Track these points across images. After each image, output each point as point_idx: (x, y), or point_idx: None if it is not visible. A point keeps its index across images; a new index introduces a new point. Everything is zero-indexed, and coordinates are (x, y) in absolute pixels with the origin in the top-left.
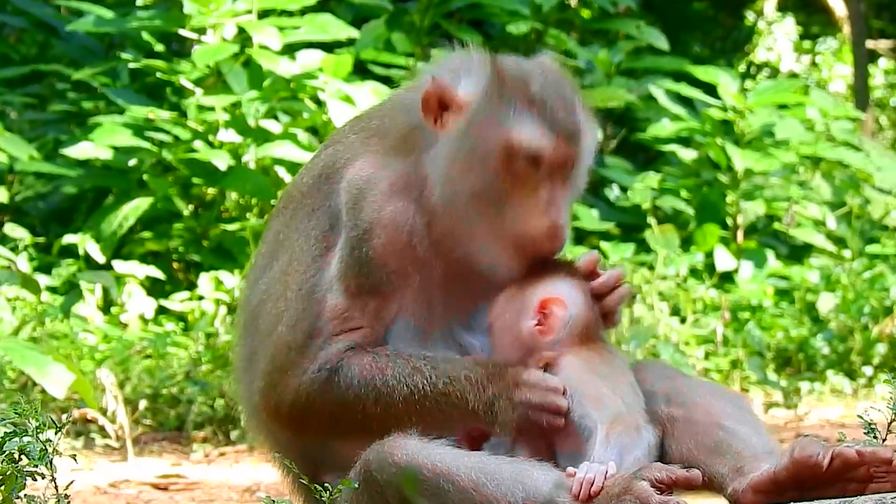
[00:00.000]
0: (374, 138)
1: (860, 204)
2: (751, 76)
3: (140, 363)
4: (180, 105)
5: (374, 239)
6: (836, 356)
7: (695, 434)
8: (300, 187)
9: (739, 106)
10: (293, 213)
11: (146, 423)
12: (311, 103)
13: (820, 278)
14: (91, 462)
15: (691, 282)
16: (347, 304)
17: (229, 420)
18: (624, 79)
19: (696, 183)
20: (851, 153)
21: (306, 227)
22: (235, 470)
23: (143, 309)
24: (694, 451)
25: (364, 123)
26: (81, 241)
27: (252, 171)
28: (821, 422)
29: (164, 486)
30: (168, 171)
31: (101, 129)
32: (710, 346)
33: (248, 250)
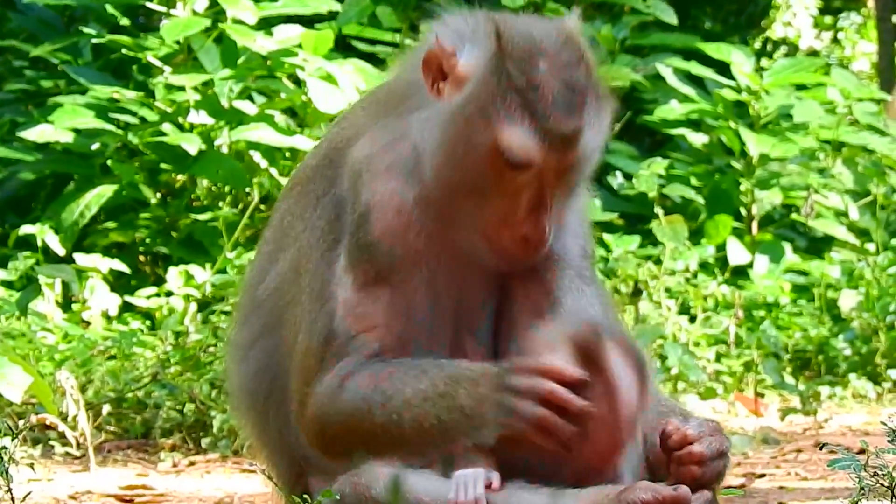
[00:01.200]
0: (379, 106)
1: (885, 193)
2: (767, 54)
3: (103, 364)
4: (147, 84)
5: (371, 221)
6: (858, 358)
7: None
8: (306, 169)
9: (754, 86)
10: (297, 197)
11: (110, 429)
12: (289, 82)
13: (841, 273)
14: (50, 471)
15: (702, 277)
16: (359, 297)
17: (200, 426)
18: (629, 57)
19: (707, 170)
20: (876, 137)
21: (312, 216)
22: (207, 481)
23: (107, 305)
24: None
25: (374, 93)
26: (40, 231)
27: (225, 156)
28: (842, 429)
29: (129, 497)
30: (134, 155)
31: (61, 110)
32: (722, 347)
33: (220, 242)
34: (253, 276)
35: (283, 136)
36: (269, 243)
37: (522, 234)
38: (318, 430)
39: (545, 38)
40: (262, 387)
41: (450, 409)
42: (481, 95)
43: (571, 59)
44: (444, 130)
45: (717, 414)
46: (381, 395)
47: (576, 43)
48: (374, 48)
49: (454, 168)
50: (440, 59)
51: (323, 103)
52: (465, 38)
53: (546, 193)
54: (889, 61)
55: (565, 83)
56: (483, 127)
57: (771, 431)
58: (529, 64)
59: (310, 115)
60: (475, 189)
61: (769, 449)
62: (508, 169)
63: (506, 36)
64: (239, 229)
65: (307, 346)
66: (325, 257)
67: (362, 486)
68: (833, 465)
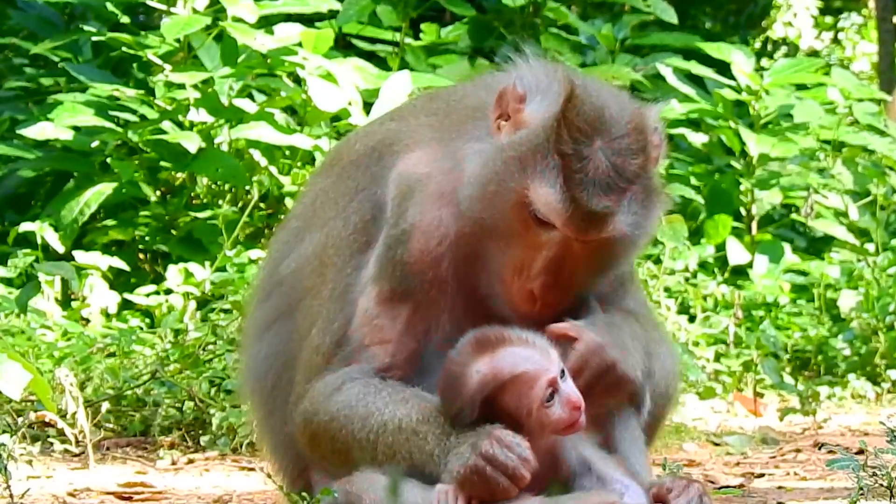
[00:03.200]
0: (443, 120)
1: (885, 193)
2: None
3: (102, 362)
4: (147, 82)
5: (411, 242)
6: (858, 358)
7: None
8: (350, 152)
9: (754, 86)
10: (336, 179)
11: (108, 427)
12: (289, 81)
13: (841, 274)
14: (48, 469)
15: (701, 277)
16: (379, 309)
17: (199, 424)
18: (629, 56)
19: (706, 170)
20: (876, 138)
21: (347, 207)
22: (205, 478)
23: (106, 303)
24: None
25: (436, 102)
26: (39, 229)
27: (225, 154)
28: (841, 429)
29: (128, 495)
30: (134, 153)
31: (61, 107)
32: (722, 347)
33: (220, 240)
34: (277, 251)
35: (282, 134)
36: (298, 219)
37: (530, 289)
38: (305, 425)
39: (615, 118)
40: (272, 373)
41: (419, 450)
42: (528, 146)
43: (630, 147)
44: (486, 166)
45: (716, 414)
46: (365, 409)
47: (643, 134)
48: (374, 47)
49: (485, 205)
50: (511, 101)
51: (323, 102)
52: (539, 88)
53: (566, 260)
54: (889, 62)
55: (613, 166)
56: (518, 175)
57: (770, 431)
58: (584, 136)
59: (310, 113)
60: (501, 232)
61: (768, 449)
62: (534, 223)
63: (574, 101)
64: (238, 227)
65: (318, 343)
66: (353, 259)
67: (354, 494)
68: (832, 465)
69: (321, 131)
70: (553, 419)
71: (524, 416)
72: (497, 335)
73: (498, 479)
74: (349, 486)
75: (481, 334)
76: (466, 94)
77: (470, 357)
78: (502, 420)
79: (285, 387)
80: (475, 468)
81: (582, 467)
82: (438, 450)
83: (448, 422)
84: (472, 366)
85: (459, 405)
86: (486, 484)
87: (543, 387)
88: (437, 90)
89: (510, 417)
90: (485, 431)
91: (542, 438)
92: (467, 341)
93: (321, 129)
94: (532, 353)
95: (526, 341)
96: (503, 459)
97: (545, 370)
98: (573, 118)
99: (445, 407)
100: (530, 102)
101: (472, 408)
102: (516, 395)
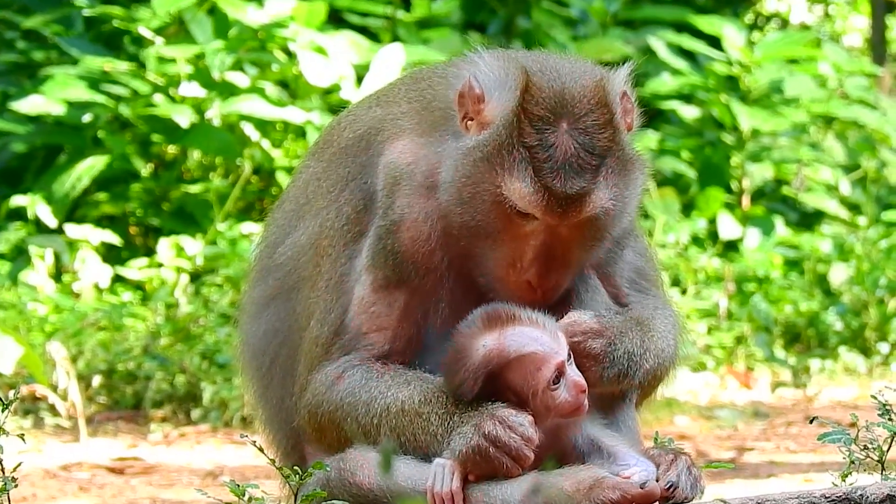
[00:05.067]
0: (421, 111)
1: (876, 167)
2: (758, 28)
3: (94, 336)
4: (139, 56)
5: (401, 233)
6: (849, 332)
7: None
8: (340, 139)
9: (746, 60)
10: (328, 165)
11: (100, 401)
12: (280, 55)
13: (832, 247)
14: (40, 443)
15: (693, 250)
16: (375, 297)
17: (190, 398)
18: (620, 30)
19: (698, 143)
20: (867, 112)
21: (339, 198)
22: (197, 452)
23: (98, 277)
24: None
25: (418, 90)
26: (31, 203)
27: (216, 128)
28: (832, 403)
29: (120, 469)
30: (125, 127)
31: (52, 81)
32: (713, 321)
33: (211, 214)
34: (272, 233)
35: (274, 107)
36: (291, 202)
37: (527, 280)
38: (310, 417)
39: (576, 97)
40: (270, 349)
41: (423, 431)
42: (493, 144)
43: (595, 123)
44: (458, 171)
45: (707, 387)
46: (367, 394)
47: (607, 107)
48: (365, 21)
49: (465, 209)
50: (469, 100)
51: (314, 76)
52: (496, 83)
53: (555, 244)
54: (881, 36)
55: (581, 146)
56: (488, 175)
57: (761, 405)
58: (547, 123)
59: (301, 87)
60: (487, 231)
61: (759, 422)
62: (515, 216)
63: (531, 92)
64: (230, 201)
65: (317, 333)
66: (347, 248)
67: (347, 471)
68: (823, 439)
69: (313, 105)
70: (558, 402)
71: (529, 396)
72: (508, 313)
73: (501, 459)
74: (343, 462)
75: (493, 310)
76: (440, 90)
77: (478, 331)
78: (506, 398)
79: (283, 363)
80: (478, 448)
81: (590, 446)
82: (442, 430)
83: (451, 401)
84: (480, 339)
85: (462, 377)
86: (489, 464)
87: (552, 369)
88: (419, 72)
89: (515, 395)
90: (488, 411)
91: (547, 420)
92: (478, 315)
93: (313, 103)
94: (541, 335)
95: (536, 322)
96: (506, 440)
97: (554, 353)
98: (532, 108)
99: (448, 378)
100: (489, 100)
101: (475, 381)
102: (522, 374)
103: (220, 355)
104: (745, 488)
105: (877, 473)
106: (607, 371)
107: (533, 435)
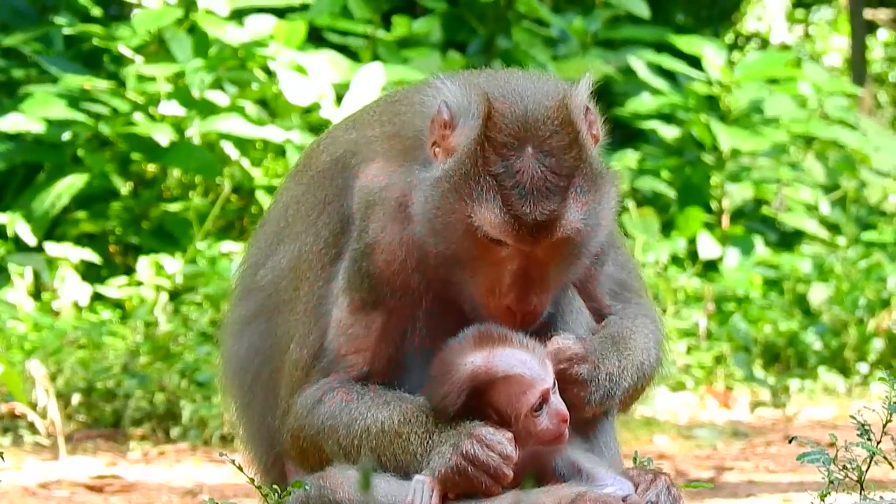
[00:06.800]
0: (393, 137)
1: (856, 187)
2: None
3: (73, 354)
4: (119, 74)
5: (375, 255)
6: (828, 352)
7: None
8: (318, 162)
9: (726, 80)
10: (307, 188)
11: (80, 419)
12: (260, 73)
13: (812, 267)
14: (19, 461)
15: (672, 270)
16: (352, 319)
17: (170, 416)
18: (601, 49)
19: (678, 163)
20: (847, 132)
21: (317, 222)
22: (176, 470)
23: (77, 295)
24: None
25: (391, 113)
26: (10, 221)
27: (196, 146)
28: (811, 423)
29: (99, 487)
30: (105, 145)
31: (32, 99)
32: (693, 340)
33: (190, 232)
34: (253, 255)
35: (254, 126)
36: (272, 224)
37: (506, 305)
38: (293, 441)
39: (540, 119)
40: (252, 367)
41: (403, 451)
42: (459, 173)
43: (560, 144)
44: (428, 202)
45: (687, 407)
46: (348, 416)
47: (571, 125)
48: (345, 40)
49: (438, 239)
50: (437, 127)
51: (293, 95)
52: (462, 110)
53: (532, 268)
54: (861, 56)
55: (548, 169)
56: (458, 205)
57: (740, 424)
58: (511, 149)
59: (281, 106)
60: (462, 259)
61: (739, 442)
62: (488, 243)
63: (494, 119)
64: (210, 220)
65: (297, 357)
66: (324, 270)
67: (327, 489)
68: (802, 459)
69: (292, 123)
70: (539, 429)
71: (511, 420)
72: (501, 334)
73: (480, 477)
74: (323, 480)
75: (485, 329)
76: (408, 117)
77: (468, 348)
78: (488, 417)
79: (265, 381)
80: (457, 468)
81: (569, 469)
82: (421, 449)
83: (431, 421)
84: (469, 356)
85: (446, 391)
86: (468, 483)
87: (537, 395)
88: (393, 94)
89: (497, 415)
90: (466, 430)
91: (527, 445)
92: (470, 333)
93: (292, 122)
94: (530, 359)
95: (526, 346)
96: (484, 459)
97: (541, 379)
98: (496, 136)
99: (432, 392)
100: (456, 127)
101: (458, 396)
102: (507, 396)
103: (200, 373)
104: None
105: (856, 493)
106: (592, 396)
107: (512, 453)
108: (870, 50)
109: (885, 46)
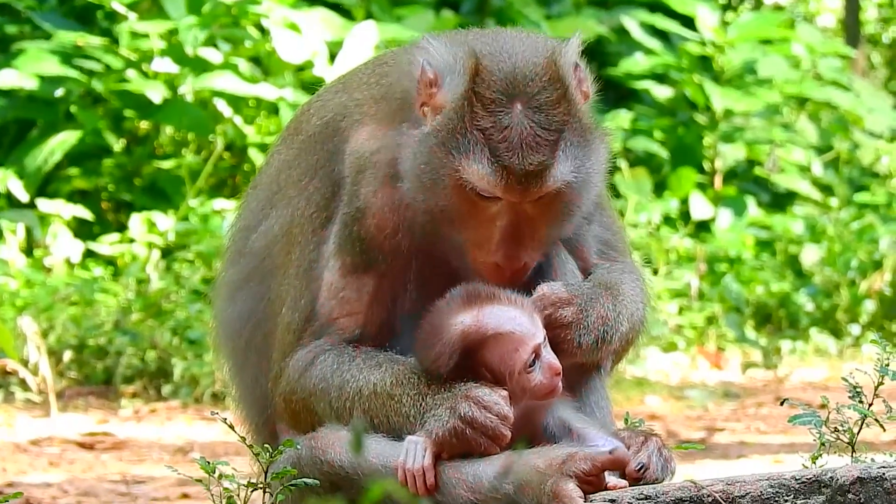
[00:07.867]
0: (382, 99)
1: (849, 148)
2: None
3: (65, 311)
4: (112, 31)
5: (366, 219)
6: (820, 313)
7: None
8: (308, 126)
9: (719, 40)
10: (298, 152)
11: (71, 376)
12: (254, 31)
13: (804, 228)
14: (10, 418)
15: (664, 230)
16: (343, 282)
17: (161, 374)
18: (594, 9)
19: (671, 123)
20: (840, 93)
21: (308, 186)
22: (167, 428)
23: (70, 252)
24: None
25: (379, 75)
26: (3, 177)
27: (189, 103)
28: (803, 384)
29: (90, 444)
30: (98, 102)
31: (25, 55)
32: (684, 301)
33: (183, 190)
34: (245, 217)
35: (247, 84)
36: (264, 188)
37: (494, 262)
38: (286, 404)
39: (528, 75)
40: (245, 330)
41: (396, 413)
42: (447, 130)
43: (549, 100)
44: (416, 159)
45: (678, 368)
46: (340, 378)
47: (560, 82)
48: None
49: (427, 195)
50: (423, 86)
51: (287, 53)
52: (448, 67)
53: (521, 224)
54: (855, 17)
55: (536, 123)
56: (446, 160)
57: (732, 385)
58: (500, 105)
59: (274, 63)
60: (452, 215)
61: (730, 403)
62: (477, 199)
63: (482, 75)
64: (202, 177)
65: (289, 320)
66: (316, 235)
67: (318, 449)
68: (793, 421)
69: (285, 81)
70: (534, 384)
71: (505, 378)
72: (488, 292)
73: (479, 439)
74: (314, 440)
75: (473, 288)
76: (395, 78)
77: (457, 307)
78: (481, 376)
79: (258, 344)
80: (454, 430)
81: (560, 429)
82: (414, 411)
83: (423, 383)
84: (458, 316)
85: (437, 353)
86: (466, 445)
87: (529, 351)
88: (381, 56)
89: (490, 374)
90: (461, 392)
91: (521, 402)
92: (457, 292)
93: (285, 80)
94: (519, 316)
95: (515, 303)
96: (482, 420)
97: (532, 335)
98: (484, 91)
99: (422, 354)
100: (442, 85)
101: (450, 357)
102: (498, 354)
103: (192, 331)
104: (715, 469)
105: (847, 455)
106: (583, 338)
107: (508, 412)
108: (863, 11)
109: (879, 7)
